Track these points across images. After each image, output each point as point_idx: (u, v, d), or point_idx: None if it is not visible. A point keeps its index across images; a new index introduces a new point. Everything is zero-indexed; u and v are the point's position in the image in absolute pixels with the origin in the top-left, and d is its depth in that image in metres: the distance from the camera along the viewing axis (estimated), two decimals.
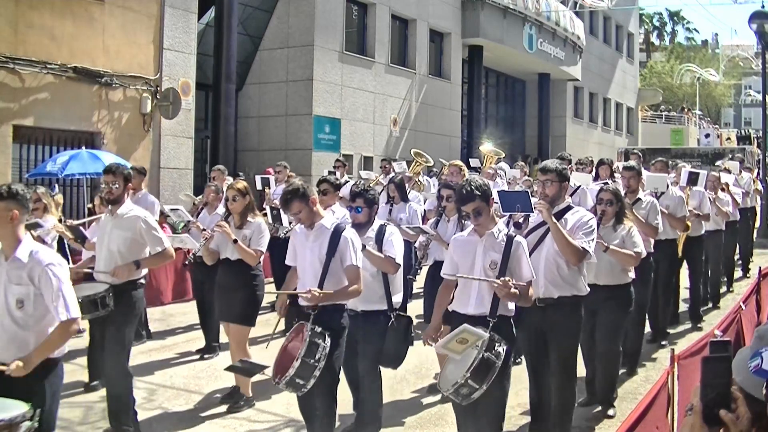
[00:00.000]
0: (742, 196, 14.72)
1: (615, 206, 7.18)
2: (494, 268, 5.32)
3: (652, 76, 64.61)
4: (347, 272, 5.79)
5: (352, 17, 24.73)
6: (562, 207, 6.07)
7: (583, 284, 6.08)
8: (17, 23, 14.57)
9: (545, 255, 6.00)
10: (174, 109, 17.37)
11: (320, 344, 5.53)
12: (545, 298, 5.96)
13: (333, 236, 5.80)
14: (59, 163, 13.29)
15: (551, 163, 6.17)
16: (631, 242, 7.10)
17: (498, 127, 36.75)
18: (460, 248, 5.60)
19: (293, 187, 5.81)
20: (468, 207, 5.35)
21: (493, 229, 5.45)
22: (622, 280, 7.22)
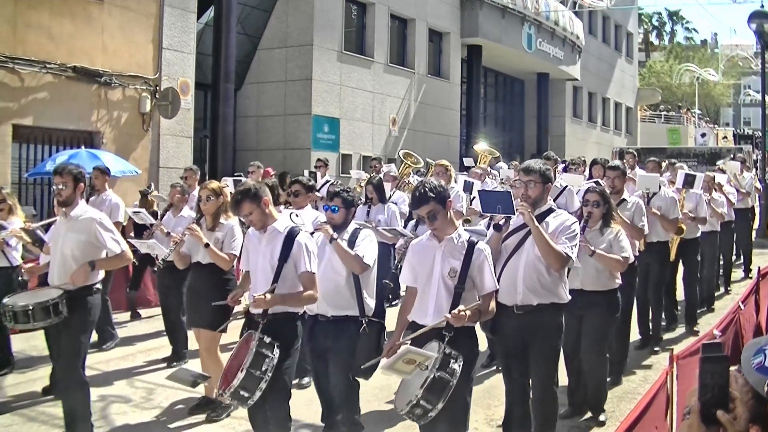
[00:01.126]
0: (743, 197, 14.60)
1: (602, 208, 6.92)
2: (453, 277, 5.06)
3: (651, 75, 64.62)
4: (301, 279, 5.53)
5: (350, 17, 24.74)
6: (543, 209, 5.74)
7: (563, 291, 5.75)
8: (16, 23, 14.56)
9: (525, 260, 5.66)
10: (173, 109, 17.37)
11: (268, 355, 5.23)
12: (524, 305, 5.64)
13: (286, 241, 5.53)
14: (58, 162, 13.26)
15: (534, 163, 5.83)
16: (619, 246, 6.83)
17: (497, 126, 36.79)
18: (418, 254, 5.32)
19: (244, 187, 5.57)
20: (422, 210, 5.07)
21: (453, 234, 5.16)
22: (609, 285, 6.93)
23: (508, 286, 5.64)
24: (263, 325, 5.37)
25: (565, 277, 5.80)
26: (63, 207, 6.42)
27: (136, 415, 7.27)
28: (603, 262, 6.73)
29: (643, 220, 8.28)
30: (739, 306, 6.94)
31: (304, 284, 5.51)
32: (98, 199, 9.98)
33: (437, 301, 5.10)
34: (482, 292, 5.09)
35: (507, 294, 5.64)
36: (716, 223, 11.91)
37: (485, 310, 5.08)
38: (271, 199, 5.75)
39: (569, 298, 5.80)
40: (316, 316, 5.91)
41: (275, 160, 21.09)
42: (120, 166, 14.25)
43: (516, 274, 5.62)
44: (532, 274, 5.62)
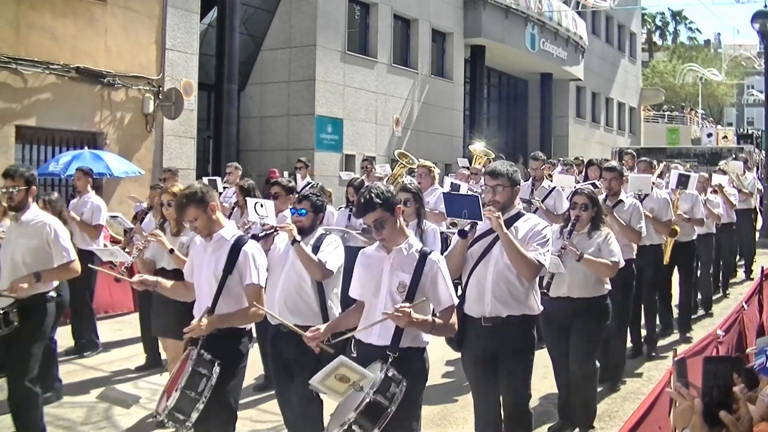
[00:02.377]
0: (746, 197, 14.36)
1: (590, 211, 6.60)
2: (402, 292, 4.57)
3: (654, 75, 64.52)
4: (247, 292, 5.09)
5: (354, 17, 24.73)
6: (512, 214, 5.37)
7: (534, 302, 5.37)
8: (19, 24, 14.58)
9: (493, 268, 5.27)
10: (176, 110, 17.39)
11: (205, 374, 4.79)
12: (492, 317, 5.25)
13: (232, 250, 5.10)
14: (62, 163, 13.31)
15: (501, 166, 5.43)
16: (608, 250, 6.50)
17: (500, 127, 36.77)
18: (365, 266, 4.84)
19: (189, 191, 5.14)
20: (368, 218, 4.60)
21: (403, 244, 4.68)
22: (598, 291, 6.57)
23: (475, 296, 5.32)
24: (204, 340, 4.93)
25: (536, 286, 5.45)
26: (14, 211, 6.22)
27: (141, 416, 7.26)
28: (591, 267, 6.42)
29: (640, 222, 8.07)
30: (743, 306, 6.92)
31: (250, 299, 5.08)
32: (80, 201, 9.78)
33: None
34: (439, 308, 4.64)
35: (474, 305, 5.32)
36: (712, 224, 11.60)
37: (444, 326, 4.62)
38: (218, 204, 5.32)
39: (541, 309, 5.46)
40: (278, 325, 5.44)
41: (278, 160, 21.09)
42: (123, 166, 14.27)
43: (483, 284, 5.28)
44: (500, 283, 5.26)
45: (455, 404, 7.60)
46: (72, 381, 8.36)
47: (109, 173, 13.84)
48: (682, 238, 10.02)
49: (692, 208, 10.29)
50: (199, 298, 5.25)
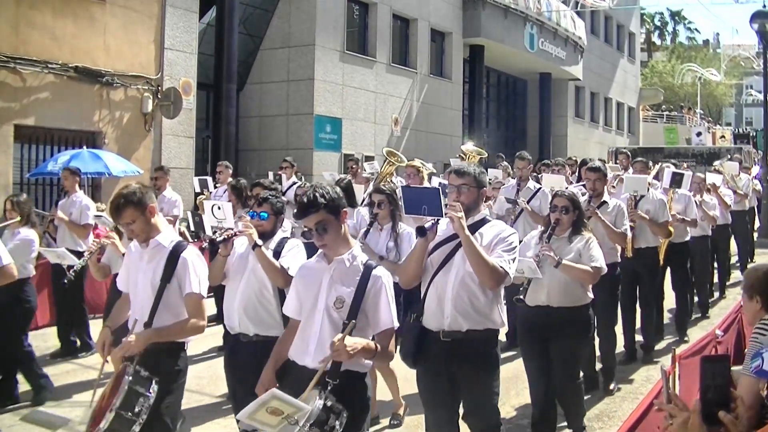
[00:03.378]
0: (741, 198, 14.18)
1: (571, 214, 6.21)
2: (340, 308, 4.12)
3: (653, 75, 64.56)
4: (187, 302, 4.70)
5: (353, 17, 24.74)
6: (477, 219, 4.94)
7: (499, 315, 4.92)
8: (18, 23, 14.57)
9: (454, 277, 4.83)
10: (175, 109, 17.39)
11: (143, 393, 4.39)
12: (452, 332, 4.81)
13: (170, 257, 4.70)
14: (60, 162, 13.27)
15: (468, 166, 5.05)
16: (589, 256, 6.08)
17: (499, 126, 36.81)
18: (304, 278, 4.37)
19: (127, 191, 4.72)
20: (309, 220, 4.10)
21: (345, 254, 4.20)
22: (580, 300, 6.15)
23: (434, 308, 4.87)
24: (141, 355, 4.49)
25: (501, 298, 5.01)
26: None
27: None
28: (570, 273, 6.00)
29: (625, 223, 7.83)
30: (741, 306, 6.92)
31: (190, 309, 4.69)
32: (68, 200, 9.71)
33: (320, 338, 4.12)
34: (376, 330, 4.16)
35: (432, 317, 4.89)
36: (708, 226, 11.33)
37: (382, 352, 4.11)
38: (157, 206, 4.90)
39: (505, 324, 5.03)
40: (238, 335, 5.21)
41: (278, 160, 21.05)
42: (122, 166, 14.26)
43: (443, 294, 4.83)
44: (462, 293, 4.81)
45: None
46: (71, 381, 8.38)
47: (107, 172, 13.83)
48: (675, 239, 9.76)
49: (685, 209, 10.04)
50: (134, 310, 4.83)
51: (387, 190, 7.15)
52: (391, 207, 7.01)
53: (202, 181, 12.06)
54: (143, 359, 4.48)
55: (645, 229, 8.77)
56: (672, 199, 9.78)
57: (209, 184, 11.95)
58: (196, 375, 8.64)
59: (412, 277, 4.94)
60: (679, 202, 9.99)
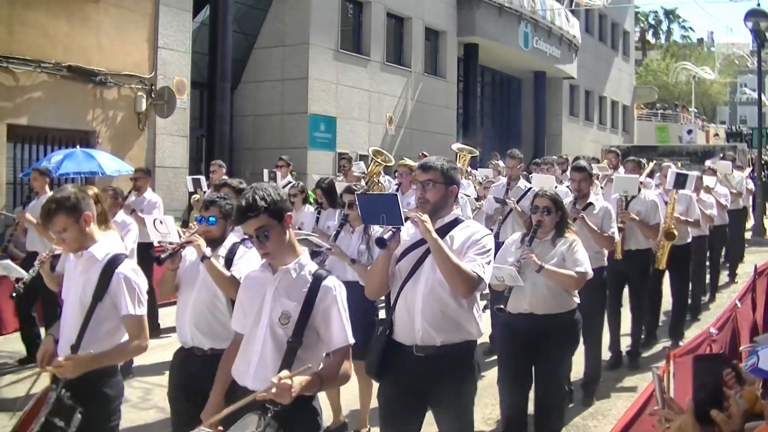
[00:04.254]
0: (734, 197, 13.89)
1: (554, 215, 5.86)
2: (285, 324, 3.69)
3: (647, 74, 64.69)
4: (126, 324, 4.24)
5: (347, 15, 24.72)
6: (447, 220, 4.50)
7: (476, 325, 4.51)
8: (11, 22, 14.52)
9: (424, 286, 4.40)
10: (169, 108, 17.35)
11: (60, 427, 3.92)
12: (425, 346, 4.39)
13: (104, 271, 4.21)
14: (54, 162, 13.23)
15: (436, 159, 4.56)
16: (573, 260, 5.73)
17: (493, 125, 36.83)
18: (247, 290, 3.95)
19: (61, 195, 4.26)
20: (249, 225, 3.68)
21: (292, 263, 3.78)
22: (566, 306, 5.82)
23: (404, 320, 4.45)
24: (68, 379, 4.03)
25: (477, 305, 4.58)
26: None
27: (134, 415, 7.26)
28: (553, 278, 5.68)
29: (612, 226, 7.53)
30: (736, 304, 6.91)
31: (130, 331, 4.24)
32: (38, 202, 9.23)
33: (261, 357, 3.72)
34: (329, 348, 3.76)
35: (403, 330, 4.46)
36: (705, 226, 10.98)
37: (332, 375, 3.72)
38: (94, 214, 4.46)
39: (482, 333, 4.63)
40: (191, 348, 4.85)
41: (272, 159, 21.02)
42: (115, 165, 14.21)
43: (413, 305, 4.40)
44: (433, 304, 4.38)
45: None
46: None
47: (101, 172, 13.78)
48: (677, 242, 9.51)
49: (687, 210, 9.78)
50: (63, 326, 4.33)
51: (358, 190, 6.86)
52: None
53: (195, 180, 11.95)
54: (71, 383, 4.03)
55: (635, 230, 8.51)
56: (675, 200, 9.52)
57: (202, 184, 11.84)
58: None
59: (377, 290, 4.60)
60: (681, 202, 9.72)
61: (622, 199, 8.43)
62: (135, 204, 10.37)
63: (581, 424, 6.98)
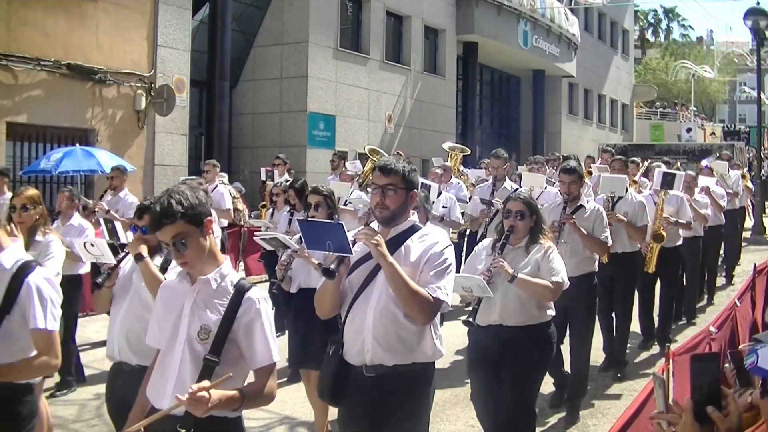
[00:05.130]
0: (730, 197, 13.47)
1: (528, 220, 5.48)
2: (205, 340, 3.36)
3: (646, 72, 64.71)
4: (34, 339, 3.84)
5: (346, 13, 24.72)
6: (403, 228, 4.10)
7: (431, 346, 4.07)
8: (10, 20, 14.52)
9: (376, 302, 3.99)
10: (168, 106, 17.35)
11: None
12: (375, 366, 3.98)
13: (12, 281, 3.85)
14: (53, 160, 13.24)
15: (396, 161, 4.12)
16: (549, 269, 5.34)
17: (492, 123, 36.87)
18: (164, 302, 3.60)
19: None
20: (164, 234, 3.34)
21: (212, 273, 3.46)
22: (538, 318, 5.41)
23: (353, 338, 4.05)
24: None
25: (436, 325, 4.14)
26: None
27: None
28: (527, 288, 5.28)
29: (605, 231, 7.12)
30: (735, 303, 6.91)
31: (38, 346, 3.85)
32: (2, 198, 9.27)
33: (179, 376, 3.37)
34: (252, 366, 3.44)
35: (352, 350, 4.06)
36: (699, 227, 10.59)
37: (255, 394, 3.40)
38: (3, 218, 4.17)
39: (443, 353, 4.18)
40: (120, 363, 4.60)
41: (271, 157, 21.02)
42: (114, 163, 14.21)
43: (363, 323, 4.00)
44: (385, 322, 3.97)
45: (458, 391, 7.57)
46: None
47: (100, 170, 13.77)
48: (666, 244, 9.18)
49: (678, 211, 9.36)
50: None
51: (325, 191, 6.59)
52: (329, 210, 6.45)
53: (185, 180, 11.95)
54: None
55: (622, 233, 8.10)
56: (663, 201, 9.18)
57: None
58: None
59: (327, 312, 4.20)
60: (671, 203, 9.33)
61: (608, 200, 8.11)
62: (111, 204, 10.22)
63: (580, 422, 6.98)
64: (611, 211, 7.91)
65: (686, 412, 2.28)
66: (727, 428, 2.25)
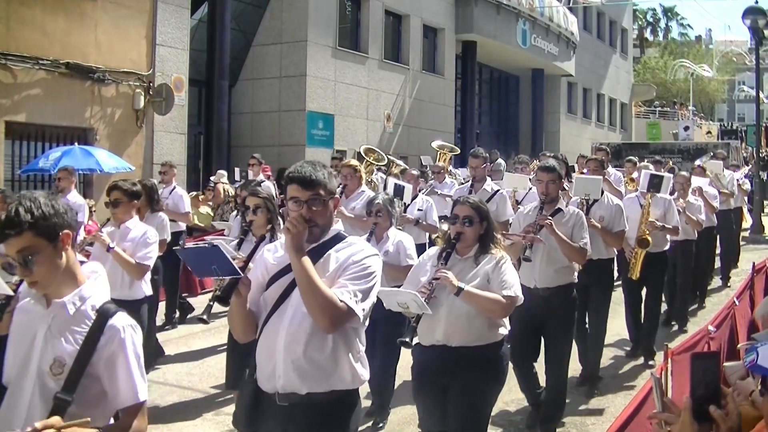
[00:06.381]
0: (725, 197, 13.24)
1: (477, 226, 4.88)
2: (59, 374, 2.87)
3: (645, 71, 64.68)
4: None
5: (345, 12, 24.71)
6: (325, 238, 3.66)
7: (350, 371, 3.61)
8: (9, 19, 14.51)
9: (289, 322, 3.55)
10: (167, 105, 17.34)
11: None
12: (287, 394, 3.54)
13: None
14: (52, 159, 13.24)
15: (313, 169, 3.61)
16: (500, 282, 4.74)
17: (491, 123, 36.86)
18: (17, 329, 3.07)
19: None
20: (10, 246, 2.89)
21: (69, 296, 2.97)
22: (488, 338, 4.81)
23: (264, 361, 3.62)
24: None
25: (358, 347, 3.68)
26: None
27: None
28: (475, 303, 4.68)
29: (584, 236, 6.52)
30: (734, 301, 6.92)
31: None
32: None
33: (28, 417, 2.85)
34: (116, 406, 2.97)
35: (264, 375, 3.63)
36: (692, 231, 10.11)
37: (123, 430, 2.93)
38: None
39: (363, 379, 3.70)
40: None
41: (270, 156, 21.02)
42: (113, 162, 14.22)
43: (274, 344, 3.56)
44: (296, 345, 3.51)
45: None
46: None
47: (99, 169, 13.79)
48: (652, 249, 8.61)
49: (665, 215, 8.80)
50: None
51: (264, 194, 6.17)
52: (268, 215, 6.05)
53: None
54: None
55: (597, 238, 7.41)
56: (650, 204, 8.65)
57: None
58: (188, 372, 8.68)
59: (242, 335, 3.78)
60: (658, 206, 8.77)
61: (582, 203, 7.58)
62: None
63: (579, 421, 6.97)
64: (586, 215, 7.17)
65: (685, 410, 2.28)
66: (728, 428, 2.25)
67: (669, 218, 8.83)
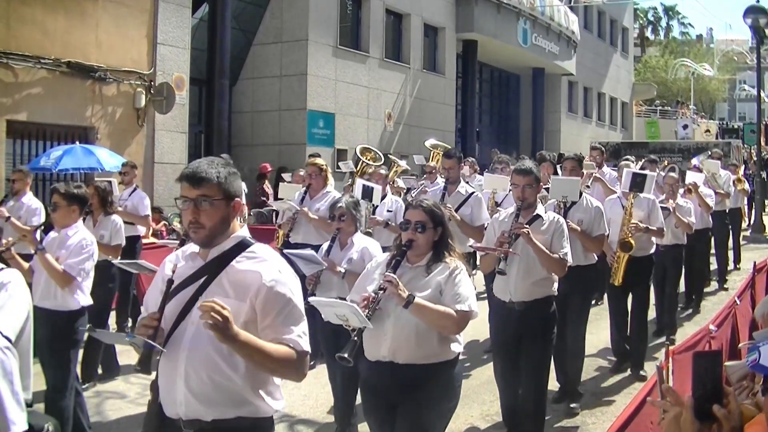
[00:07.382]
0: (721, 198, 12.95)
1: (430, 233, 4.48)
2: None
3: (646, 70, 64.67)
4: None
5: (345, 11, 24.70)
6: (228, 246, 3.30)
7: (263, 398, 3.26)
8: (9, 18, 14.51)
9: (190, 341, 3.19)
10: (168, 104, 17.34)
11: None
12: (191, 421, 3.20)
13: None
14: (53, 158, 13.26)
15: (207, 166, 3.27)
16: (453, 294, 4.32)
17: (492, 122, 36.85)
18: None
19: None
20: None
21: None
22: (440, 355, 4.38)
23: (166, 387, 3.28)
24: None
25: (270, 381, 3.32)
26: None
27: (131, 410, 7.25)
28: (425, 316, 4.26)
29: (564, 246, 6.01)
30: (735, 301, 6.91)
31: None
32: None
33: None
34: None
35: (166, 399, 3.28)
36: (682, 234, 9.72)
37: None
38: None
39: (277, 409, 3.34)
40: None
41: (270, 155, 21.10)
42: (114, 161, 14.21)
43: (175, 368, 3.19)
44: (200, 368, 3.16)
45: None
46: None
47: (100, 168, 13.79)
48: (636, 253, 8.13)
49: (649, 216, 8.33)
50: None
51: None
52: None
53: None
54: None
55: (576, 243, 6.93)
56: (632, 205, 8.19)
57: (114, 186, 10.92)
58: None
59: None
60: (641, 207, 8.32)
61: (559, 206, 7.16)
62: (13, 210, 9.18)
63: (580, 421, 6.98)
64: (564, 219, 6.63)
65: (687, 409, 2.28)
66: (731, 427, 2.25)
67: (653, 220, 8.34)
